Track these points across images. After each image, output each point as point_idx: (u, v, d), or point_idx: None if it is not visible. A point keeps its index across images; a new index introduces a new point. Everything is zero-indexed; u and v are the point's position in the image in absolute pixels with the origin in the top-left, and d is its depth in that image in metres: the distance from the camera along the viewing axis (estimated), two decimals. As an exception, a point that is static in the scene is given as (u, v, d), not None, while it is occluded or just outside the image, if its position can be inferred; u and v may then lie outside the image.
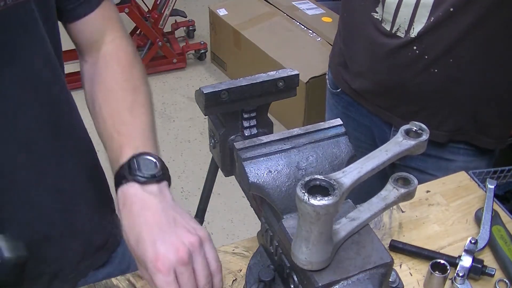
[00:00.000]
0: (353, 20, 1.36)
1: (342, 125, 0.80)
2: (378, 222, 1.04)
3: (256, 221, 0.82)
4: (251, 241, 0.98)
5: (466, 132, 1.31)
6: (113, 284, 0.91)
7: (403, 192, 0.77)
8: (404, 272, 0.96)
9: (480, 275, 0.93)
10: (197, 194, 0.89)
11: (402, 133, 0.73)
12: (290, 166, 0.75)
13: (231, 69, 3.36)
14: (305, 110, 2.77)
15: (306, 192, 0.60)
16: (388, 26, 1.25)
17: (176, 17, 3.60)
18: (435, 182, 1.14)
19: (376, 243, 0.71)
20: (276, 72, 0.81)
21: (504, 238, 0.98)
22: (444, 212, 1.07)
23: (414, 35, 1.21)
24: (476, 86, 1.24)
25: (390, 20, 1.24)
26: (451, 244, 1.01)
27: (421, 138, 0.73)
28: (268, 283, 0.76)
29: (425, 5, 1.18)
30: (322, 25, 3.07)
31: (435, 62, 1.22)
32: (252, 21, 3.15)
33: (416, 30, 1.20)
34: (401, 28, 1.22)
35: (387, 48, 1.26)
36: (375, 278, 0.68)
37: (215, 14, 3.28)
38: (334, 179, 0.64)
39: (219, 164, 0.88)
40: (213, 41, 3.45)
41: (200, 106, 0.80)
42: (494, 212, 1.01)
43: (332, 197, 0.60)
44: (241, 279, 0.92)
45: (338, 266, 0.68)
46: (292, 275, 0.72)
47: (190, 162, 2.82)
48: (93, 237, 1.00)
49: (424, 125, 0.75)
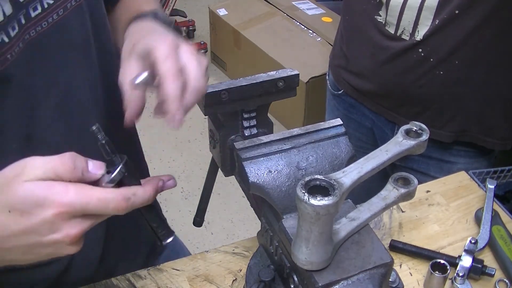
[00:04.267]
0: (356, 23, 1.36)
1: (342, 125, 0.80)
2: (378, 222, 1.04)
3: (256, 221, 0.82)
4: (251, 241, 0.98)
5: (471, 133, 1.31)
6: (113, 284, 0.92)
7: (403, 192, 0.77)
8: (404, 272, 0.96)
9: (480, 275, 0.93)
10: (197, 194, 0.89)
11: (402, 133, 0.73)
12: (290, 166, 0.76)
13: (231, 69, 3.36)
14: (305, 110, 2.77)
15: (306, 192, 0.60)
16: (392, 29, 1.25)
17: (176, 17, 3.60)
18: (435, 182, 1.14)
19: (376, 243, 0.71)
20: (276, 72, 0.81)
21: (504, 238, 0.98)
22: (444, 212, 1.07)
23: (420, 38, 1.21)
24: (481, 87, 1.24)
25: (394, 23, 1.24)
26: (451, 244, 1.01)
27: (421, 138, 0.73)
28: (268, 283, 0.76)
29: (429, 8, 1.18)
30: (322, 25, 3.07)
31: (440, 64, 1.22)
32: (252, 21, 3.15)
33: (421, 33, 1.20)
34: (405, 31, 1.22)
35: (391, 51, 1.26)
36: (375, 278, 0.68)
37: (215, 14, 3.28)
38: (334, 179, 0.64)
39: (219, 164, 0.88)
40: (213, 41, 3.45)
41: (200, 106, 0.80)
42: (494, 212, 1.01)
43: (332, 197, 0.60)
44: (241, 279, 0.92)
45: (338, 266, 0.68)
46: (292, 275, 0.72)
47: (190, 162, 2.82)
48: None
49: (428, 125, 0.75)
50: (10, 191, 0.59)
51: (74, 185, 0.60)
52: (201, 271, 0.94)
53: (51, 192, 0.59)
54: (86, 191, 0.60)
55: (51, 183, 0.59)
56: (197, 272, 0.94)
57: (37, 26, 0.73)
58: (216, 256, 0.97)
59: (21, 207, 0.58)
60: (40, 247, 0.61)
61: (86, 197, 0.59)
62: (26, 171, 0.59)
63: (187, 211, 2.51)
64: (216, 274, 0.94)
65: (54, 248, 0.62)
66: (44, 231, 0.59)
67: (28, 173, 0.59)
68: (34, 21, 0.73)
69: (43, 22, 0.74)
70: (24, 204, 0.58)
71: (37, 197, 0.58)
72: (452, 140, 1.32)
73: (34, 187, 0.58)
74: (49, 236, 0.60)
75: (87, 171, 0.62)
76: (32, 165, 0.60)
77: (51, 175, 0.59)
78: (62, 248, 0.62)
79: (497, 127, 1.31)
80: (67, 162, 0.60)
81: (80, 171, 0.61)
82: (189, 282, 0.92)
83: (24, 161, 0.60)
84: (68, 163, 0.60)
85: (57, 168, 0.60)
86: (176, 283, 0.92)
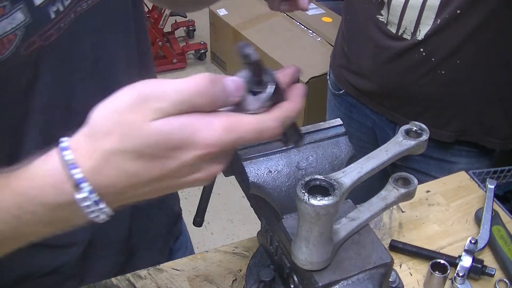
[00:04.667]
0: (357, 22, 1.36)
1: (342, 125, 0.80)
2: (378, 222, 1.04)
3: (256, 221, 0.82)
4: (251, 241, 0.98)
5: (472, 132, 1.31)
6: (113, 284, 0.92)
7: (403, 192, 0.77)
8: (404, 272, 0.96)
9: (480, 275, 0.93)
10: (197, 194, 0.89)
11: (402, 133, 0.73)
12: (290, 166, 0.75)
13: (231, 69, 3.36)
14: (305, 110, 2.77)
15: (306, 192, 0.60)
16: (393, 28, 1.25)
17: (176, 17, 3.61)
18: (435, 182, 1.14)
19: (376, 243, 0.71)
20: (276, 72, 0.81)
21: (504, 238, 0.98)
22: (444, 212, 1.07)
23: (421, 38, 1.21)
24: (482, 87, 1.24)
25: (396, 23, 1.24)
26: (451, 244, 1.01)
27: (421, 138, 0.73)
28: (268, 283, 0.76)
29: (430, 8, 1.18)
30: (322, 25, 3.07)
31: (441, 64, 1.22)
32: (252, 21, 3.16)
33: (423, 33, 1.20)
34: (407, 31, 1.22)
35: (393, 51, 1.26)
36: (375, 278, 0.68)
37: (215, 14, 3.28)
38: (334, 179, 0.64)
39: (219, 164, 0.88)
40: (213, 41, 3.46)
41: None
42: (494, 212, 1.01)
43: (332, 197, 0.60)
44: (241, 279, 0.92)
45: (338, 266, 0.68)
46: (292, 275, 0.72)
47: (190, 162, 2.82)
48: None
49: (429, 125, 0.75)
50: (134, 134, 0.48)
51: (219, 118, 0.49)
52: (201, 271, 0.94)
53: (191, 132, 0.48)
54: (236, 124, 0.49)
55: (189, 120, 0.48)
56: (197, 272, 0.94)
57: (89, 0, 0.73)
58: (216, 256, 0.97)
59: (153, 152, 0.48)
60: (173, 188, 0.53)
61: (238, 132, 0.49)
62: (149, 106, 0.48)
63: (187, 211, 2.49)
64: (216, 274, 0.94)
65: (188, 186, 0.53)
66: (182, 174, 0.51)
67: (153, 109, 0.48)
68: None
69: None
70: (158, 149, 0.48)
71: (174, 140, 0.48)
72: (453, 140, 1.32)
73: (168, 128, 0.48)
74: (188, 177, 0.51)
75: (229, 94, 0.50)
76: (155, 96, 0.48)
77: (184, 108, 0.48)
78: (196, 184, 0.53)
79: (498, 126, 1.31)
80: (204, 88, 0.48)
81: (223, 97, 0.49)
82: (189, 282, 0.92)
83: (136, 91, 0.49)
84: (206, 90, 0.48)
85: (193, 98, 0.48)
86: (176, 283, 0.92)
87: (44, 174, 0.51)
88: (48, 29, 0.67)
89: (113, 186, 0.51)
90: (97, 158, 0.49)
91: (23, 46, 0.65)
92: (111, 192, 0.51)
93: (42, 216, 0.52)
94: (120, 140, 0.48)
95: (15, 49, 0.64)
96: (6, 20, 0.62)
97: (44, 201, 0.51)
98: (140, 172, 0.49)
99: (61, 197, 0.51)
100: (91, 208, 0.51)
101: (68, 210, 0.52)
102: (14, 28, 0.63)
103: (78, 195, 0.50)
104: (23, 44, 0.65)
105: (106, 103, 0.50)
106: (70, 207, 0.51)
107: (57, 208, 0.52)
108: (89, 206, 0.51)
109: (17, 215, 0.52)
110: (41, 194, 0.51)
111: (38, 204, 0.52)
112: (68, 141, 0.51)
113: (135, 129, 0.48)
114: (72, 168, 0.50)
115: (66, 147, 0.51)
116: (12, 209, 0.52)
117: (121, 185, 0.50)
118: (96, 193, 0.50)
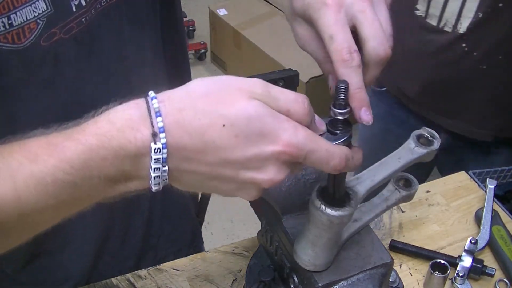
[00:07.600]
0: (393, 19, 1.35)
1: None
2: (378, 222, 1.04)
3: (256, 221, 0.82)
4: (251, 241, 0.98)
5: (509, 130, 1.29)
6: (113, 284, 0.92)
7: (404, 195, 0.78)
8: (404, 272, 0.96)
9: (480, 275, 0.93)
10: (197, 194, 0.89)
11: (413, 139, 0.73)
12: (290, 166, 0.75)
13: (231, 69, 3.36)
14: (305, 110, 2.77)
15: (322, 200, 0.60)
16: (434, 21, 1.22)
17: (176, 17, 3.60)
18: (435, 182, 1.14)
19: (376, 243, 0.71)
20: (276, 72, 0.81)
21: (504, 238, 0.98)
22: (444, 212, 1.07)
23: (463, 31, 1.18)
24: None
25: (437, 15, 1.21)
26: (451, 244, 1.01)
27: (433, 146, 0.72)
28: (268, 283, 0.76)
29: (473, 0, 1.16)
30: (322, 25, 3.06)
31: (484, 59, 1.19)
32: (252, 21, 3.15)
33: (464, 26, 1.18)
34: (448, 23, 1.20)
35: (434, 45, 1.23)
36: (375, 278, 0.68)
37: (215, 14, 3.28)
38: (349, 186, 0.63)
39: (219, 164, 0.87)
40: (213, 41, 3.45)
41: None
42: (494, 212, 1.01)
43: (348, 208, 0.60)
44: (241, 279, 0.92)
45: (338, 266, 0.68)
46: (292, 275, 0.72)
47: (190, 162, 2.82)
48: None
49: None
50: (229, 102, 0.49)
51: (304, 128, 0.52)
52: (201, 271, 0.94)
53: (279, 126, 0.50)
54: (316, 138, 0.52)
55: (282, 117, 0.51)
56: (197, 272, 0.94)
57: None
58: (216, 256, 0.97)
59: (239, 129, 0.49)
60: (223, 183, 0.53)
61: (316, 144, 0.52)
62: (253, 89, 0.51)
63: (187, 211, 2.50)
64: (216, 274, 0.94)
65: (237, 188, 0.53)
66: (248, 166, 0.51)
67: (257, 93, 0.50)
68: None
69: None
70: (246, 127, 0.49)
71: (263, 125, 0.49)
72: (493, 139, 1.30)
73: (263, 111, 0.50)
74: (249, 173, 0.51)
75: (315, 121, 0.55)
76: (262, 84, 0.52)
77: (281, 107, 0.51)
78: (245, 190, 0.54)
79: None
80: (302, 104, 0.52)
81: (311, 118, 0.53)
82: (189, 282, 0.92)
83: (245, 80, 0.52)
84: (304, 105, 0.52)
85: (290, 104, 0.52)
86: (176, 283, 0.92)
87: (127, 117, 0.50)
88: (69, 22, 0.68)
89: (183, 149, 0.50)
90: (187, 114, 0.49)
91: (44, 36, 0.66)
92: (177, 157, 0.50)
93: (110, 165, 0.50)
94: (216, 102, 0.50)
95: (35, 39, 0.65)
96: (29, 8, 0.63)
97: (120, 144, 0.49)
98: (216, 143, 0.49)
99: (136, 143, 0.49)
100: (157, 164, 0.50)
101: (137, 163, 0.50)
102: (36, 16, 0.64)
103: (153, 145, 0.49)
104: (43, 34, 0.66)
105: (208, 78, 0.52)
106: (138, 159, 0.50)
107: (127, 157, 0.50)
108: (157, 161, 0.49)
109: (88, 163, 0.49)
110: (120, 136, 0.49)
111: (113, 148, 0.49)
112: (156, 94, 0.51)
113: (234, 99, 0.49)
114: (157, 116, 0.49)
115: (154, 97, 0.51)
116: (82, 155, 0.49)
117: (191, 148, 0.50)
118: (167, 149, 0.49)
